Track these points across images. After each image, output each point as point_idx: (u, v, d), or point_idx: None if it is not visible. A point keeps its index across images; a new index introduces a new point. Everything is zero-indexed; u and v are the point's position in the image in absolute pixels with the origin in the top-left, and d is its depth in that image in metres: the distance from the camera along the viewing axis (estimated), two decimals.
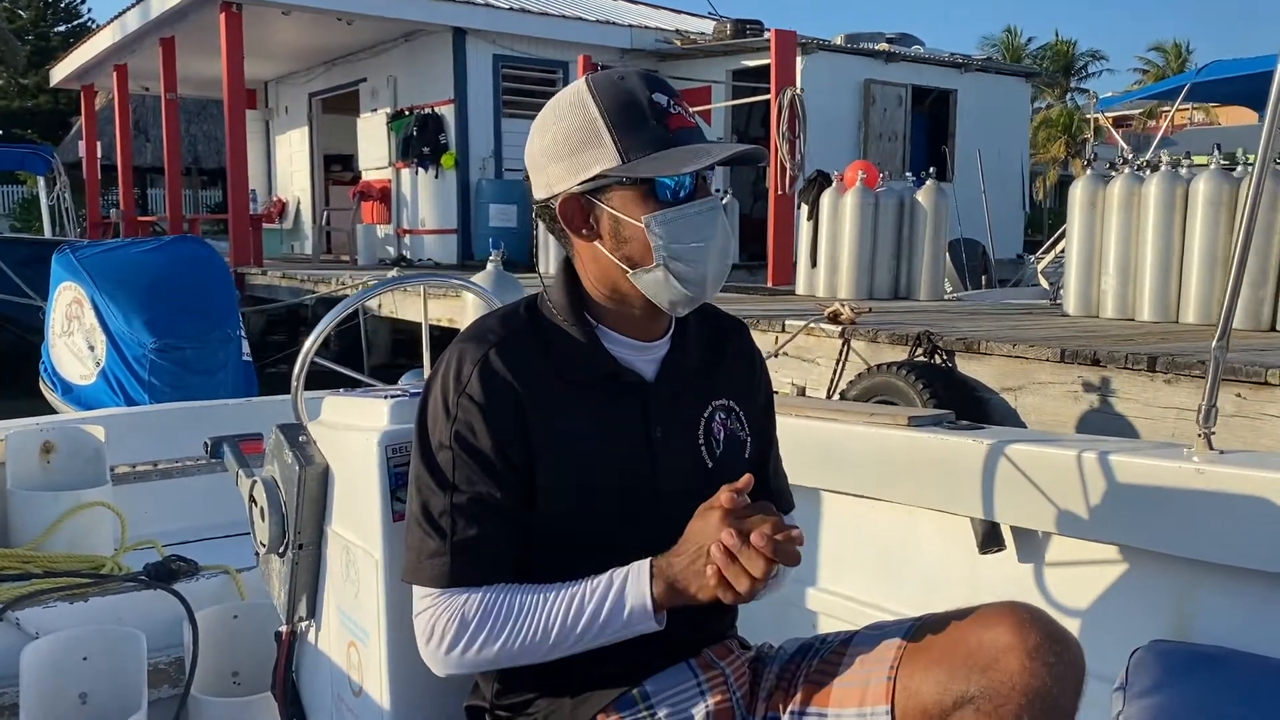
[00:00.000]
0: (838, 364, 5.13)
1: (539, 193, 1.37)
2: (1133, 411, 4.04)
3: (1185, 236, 5.64)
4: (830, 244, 7.83)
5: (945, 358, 4.64)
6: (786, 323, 5.56)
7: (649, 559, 1.25)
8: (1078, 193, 6.21)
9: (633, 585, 1.25)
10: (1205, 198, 5.51)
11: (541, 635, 1.27)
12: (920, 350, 4.67)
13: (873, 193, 7.64)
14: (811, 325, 5.41)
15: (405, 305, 9.20)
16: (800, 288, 8.26)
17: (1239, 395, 3.74)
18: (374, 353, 9.72)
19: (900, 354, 4.87)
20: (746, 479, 1.24)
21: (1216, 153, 5.73)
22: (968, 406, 4.44)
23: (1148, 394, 3.99)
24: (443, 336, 1.50)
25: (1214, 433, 1.65)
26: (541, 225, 1.44)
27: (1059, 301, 7.44)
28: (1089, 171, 6.32)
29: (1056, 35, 53.51)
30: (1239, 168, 5.64)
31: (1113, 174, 6.16)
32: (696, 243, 1.29)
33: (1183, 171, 5.81)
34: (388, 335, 10.10)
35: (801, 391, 5.39)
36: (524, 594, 1.30)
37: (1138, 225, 5.86)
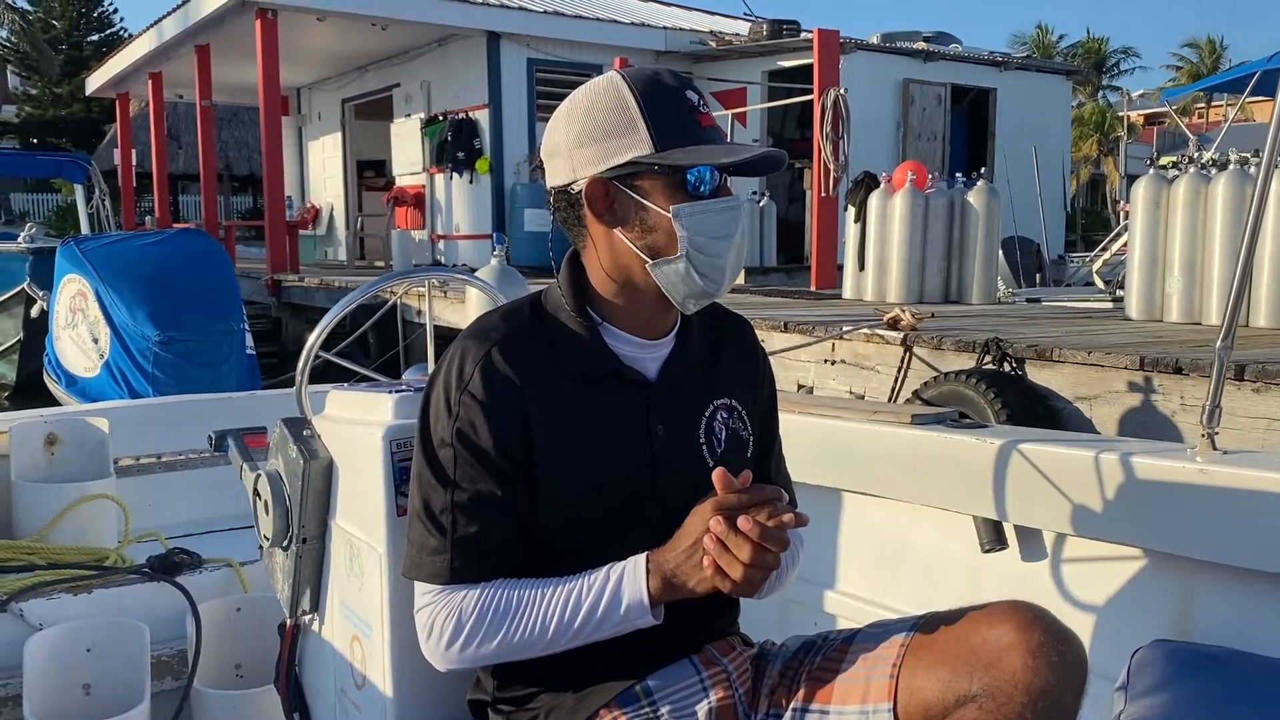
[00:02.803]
0: (899, 372, 4.99)
1: (558, 179, 1.35)
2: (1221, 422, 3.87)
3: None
4: (879, 246, 7.68)
5: (1015, 365, 4.49)
6: (844, 328, 5.41)
7: (645, 553, 1.26)
8: (1140, 192, 6.04)
9: (629, 581, 1.25)
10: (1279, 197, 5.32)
11: (539, 631, 1.28)
12: (989, 358, 4.52)
13: (922, 194, 7.48)
14: (871, 331, 5.27)
15: (445, 309, 9.12)
16: (847, 291, 8.11)
17: None
18: (413, 358, 9.66)
19: (966, 361, 4.73)
20: (744, 476, 1.22)
21: None
22: (1040, 417, 4.29)
23: (1234, 403, 3.83)
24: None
25: (1217, 432, 1.64)
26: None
27: (1119, 302, 7.26)
28: (1151, 170, 6.14)
29: (1088, 32, 53.05)
30: None
31: (1176, 172, 5.99)
32: (721, 237, 1.30)
33: (1251, 169, 5.63)
34: (419, 343, 10.04)
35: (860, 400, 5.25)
36: (521, 590, 1.30)
37: (1205, 225, 5.69)
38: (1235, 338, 1.76)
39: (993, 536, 1.89)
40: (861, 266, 7.87)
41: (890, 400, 4.96)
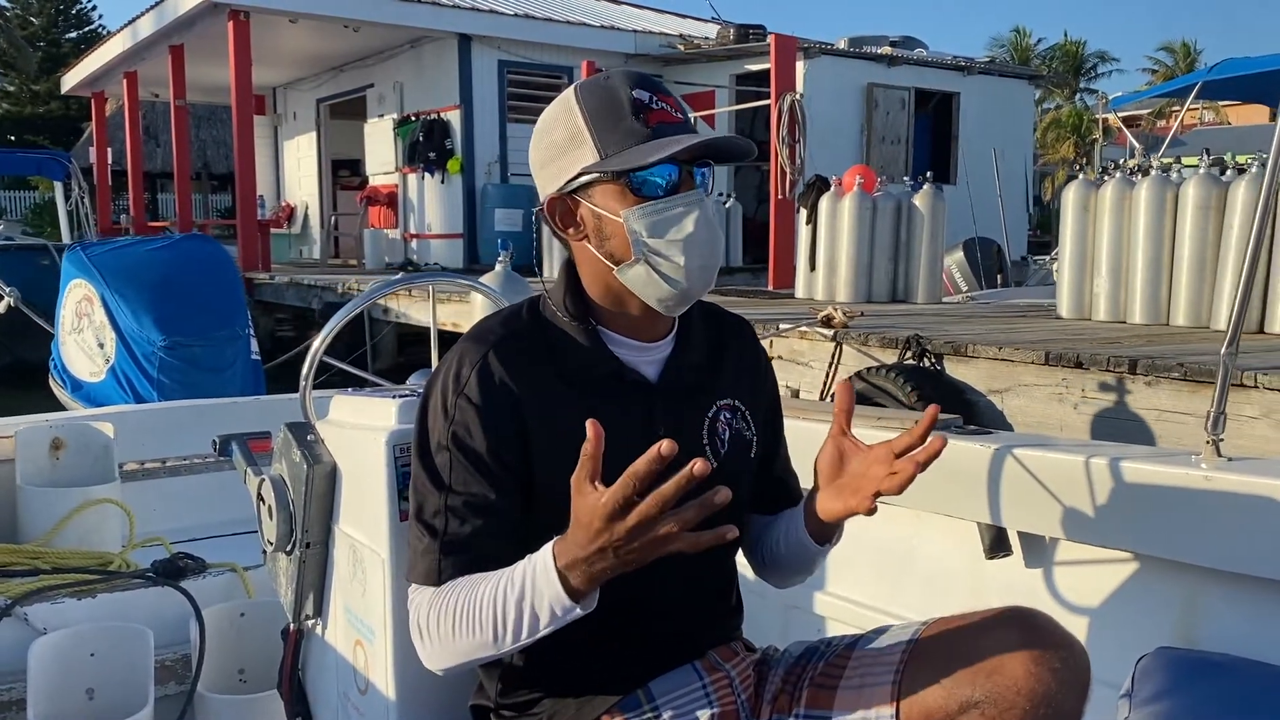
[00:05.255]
0: (830, 367, 5.22)
1: (541, 197, 1.39)
2: (1114, 413, 4.12)
3: (1175, 240, 5.72)
4: (828, 248, 7.91)
5: (934, 361, 4.72)
6: (780, 326, 5.64)
7: (551, 548, 1.16)
8: (1070, 196, 6.29)
9: (544, 584, 1.17)
10: (1194, 201, 5.58)
11: (481, 634, 1.23)
12: (910, 353, 4.75)
13: (870, 197, 7.71)
14: (804, 329, 5.50)
15: (411, 308, 9.31)
16: (800, 291, 8.34)
17: None
18: (380, 357, 9.84)
19: (891, 357, 4.96)
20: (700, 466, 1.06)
21: (1205, 156, 5.80)
22: (956, 408, 4.52)
23: (1129, 395, 4.07)
24: (451, 339, 1.53)
25: (1222, 439, 1.64)
26: (546, 229, 1.46)
27: None
28: (1080, 175, 6.39)
29: (1066, 35, 53.53)
30: (1228, 171, 5.72)
31: (1105, 179, 6.24)
32: (676, 236, 1.28)
33: (1173, 175, 5.89)
34: (393, 339, 10.23)
35: (795, 395, 5.47)
36: (466, 592, 1.26)
37: (1129, 229, 5.94)
38: (1240, 343, 1.75)
39: (996, 543, 1.88)
40: (813, 267, 8.10)
41: (822, 392, 5.19)
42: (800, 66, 12.48)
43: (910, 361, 4.75)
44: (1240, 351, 1.79)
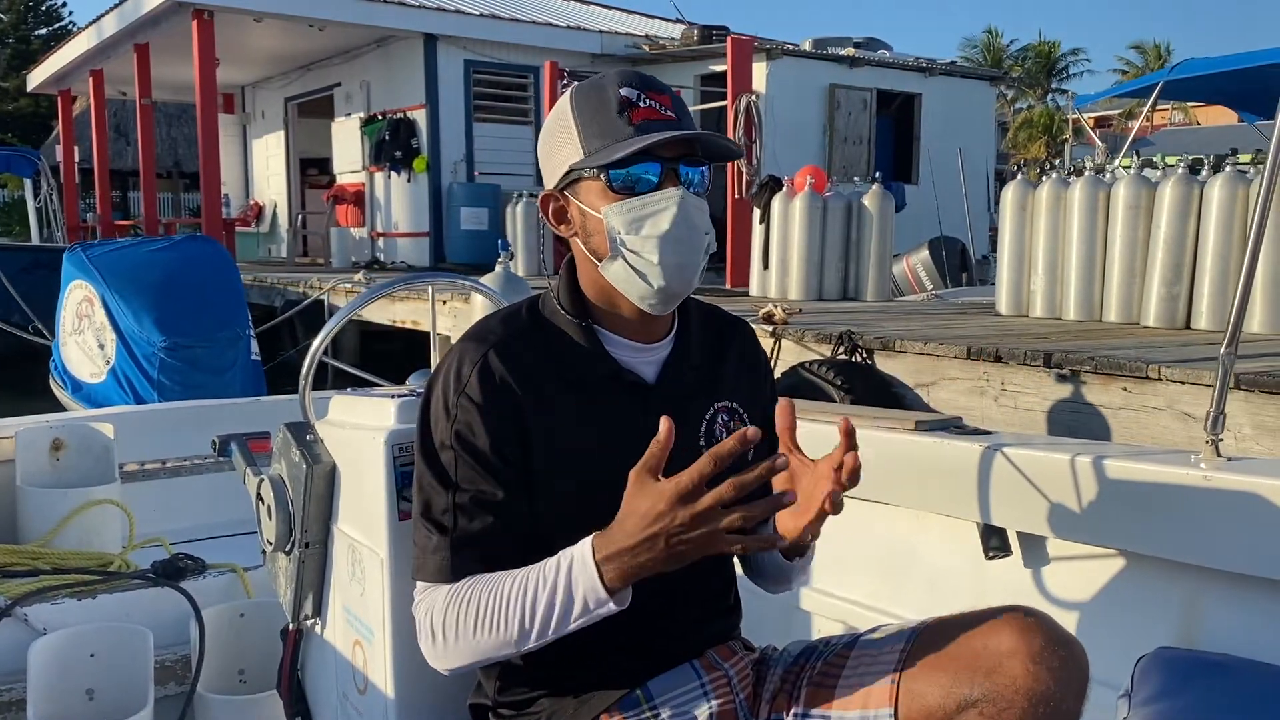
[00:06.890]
0: (770, 361, 5.36)
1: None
2: (1031, 405, 4.28)
3: (1107, 239, 5.90)
4: (781, 247, 8.06)
5: (865, 356, 4.87)
6: None
7: (590, 542, 1.20)
8: (1008, 197, 6.46)
9: (580, 576, 1.20)
10: (1125, 202, 5.75)
11: (505, 630, 1.25)
12: (842, 349, 4.90)
13: (821, 197, 7.86)
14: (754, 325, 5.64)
15: (372, 308, 9.39)
16: (754, 289, 8.48)
17: (1125, 389, 3.98)
18: (342, 356, 9.90)
19: (827, 351, 5.10)
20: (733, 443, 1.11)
21: (1136, 158, 5.98)
22: (884, 401, 4.67)
23: (1045, 388, 4.23)
24: (419, 340, 1.53)
25: (1222, 439, 1.64)
26: (510, 226, 1.48)
27: None
28: (1019, 176, 6.57)
29: (1040, 35, 54.07)
30: (1157, 173, 5.90)
31: (1043, 180, 6.42)
32: (651, 233, 1.28)
33: (1105, 176, 6.06)
34: (355, 338, 10.29)
35: None
36: (487, 588, 1.28)
37: (1064, 228, 6.11)
38: (1239, 344, 1.75)
39: (995, 543, 1.88)
40: (766, 265, 8.24)
41: None
42: (763, 68, 12.64)
43: (843, 356, 4.90)
44: (1156, 346, 1.85)
